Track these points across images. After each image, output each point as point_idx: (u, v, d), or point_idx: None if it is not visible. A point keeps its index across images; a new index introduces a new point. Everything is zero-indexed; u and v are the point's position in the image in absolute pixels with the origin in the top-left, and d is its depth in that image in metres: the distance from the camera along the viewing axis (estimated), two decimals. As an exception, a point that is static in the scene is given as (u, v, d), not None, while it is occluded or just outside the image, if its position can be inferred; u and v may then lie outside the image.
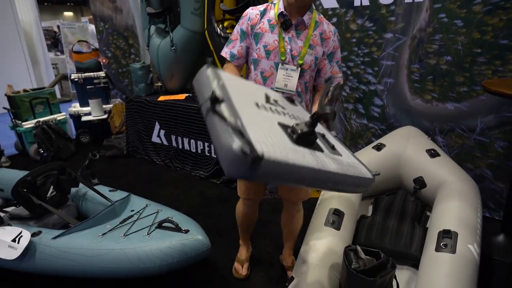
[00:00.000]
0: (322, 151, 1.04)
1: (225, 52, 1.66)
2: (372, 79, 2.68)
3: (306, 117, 1.23)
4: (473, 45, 2.19)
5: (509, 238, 2.10)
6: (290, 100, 1.39)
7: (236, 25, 1.64)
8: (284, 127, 1.00)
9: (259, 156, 0.73)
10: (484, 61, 2.18)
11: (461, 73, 2.28)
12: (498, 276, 1.92)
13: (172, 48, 3.39)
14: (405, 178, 2.21)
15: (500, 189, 2.32)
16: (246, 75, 1.73)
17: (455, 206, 1.85)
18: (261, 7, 1.61)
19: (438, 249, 1.65)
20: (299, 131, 0.98)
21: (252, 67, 1.64)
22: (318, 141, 1.08)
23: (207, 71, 1.04)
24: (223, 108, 0.85)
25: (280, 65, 1.57)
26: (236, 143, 0.74)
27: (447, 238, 1.68)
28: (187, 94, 3.55)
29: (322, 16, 1.64)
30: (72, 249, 1.85)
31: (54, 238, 1.91)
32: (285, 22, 1.54)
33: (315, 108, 1.60)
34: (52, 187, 2.27)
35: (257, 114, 0.98)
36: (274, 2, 1.61)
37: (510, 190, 2.06)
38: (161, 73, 3.62)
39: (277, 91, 1.58)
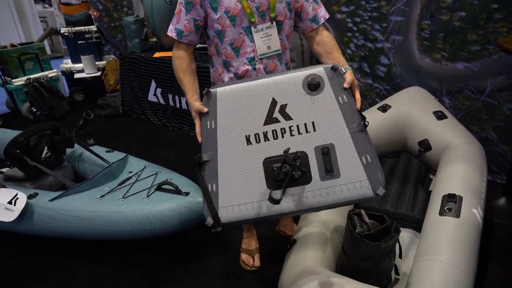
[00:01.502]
0: (307, 182, 1.17)
1: (170, 30, 1.41)
2: (380, 36, 2.54)
3: (328, 109, 1.21)
4: (490, -1, 2.05)
5: (510, 202, 2.10)
6: (314, 86, 1.22)
7: None
8: (268, 164, 1.19)
9: (218, 227, 1.18)
10: (500, 17, 2.05)
11: (475, 31, 2.15)
12: (498, 239, 1.93)
13: (167, 0, 3.18)
14: (409, 140, 2.15)
15: (505, 152, 2.28)
16: (210, 60, 1.53)
17: (460, 170, 1.81)
18: None
19: (442, 213, 1.63)
20: (276, 176, 1.16)
21: (217, 40, 1.40)
22: (314, 163, 1.18)
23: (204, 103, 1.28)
24: (207, 170, 1.22)
25: (253, 28, 1.37)
26: (206, 215, 1.22)
27: (451, 202, 1.66)
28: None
29: None
30: (70, 211, 1.82)
31: (52, 200, 1.88)
32: None
33: (330, 61, 1.42)
34: (46, 147, 2.21)
35: (243, 155, 1.20)
36: None
37: (516, 153, 2.03)
38: (156, 27, 3.43)
39: (262, 58, 1.42)
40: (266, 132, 1.21)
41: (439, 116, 2.07)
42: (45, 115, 3.70)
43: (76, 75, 4.16)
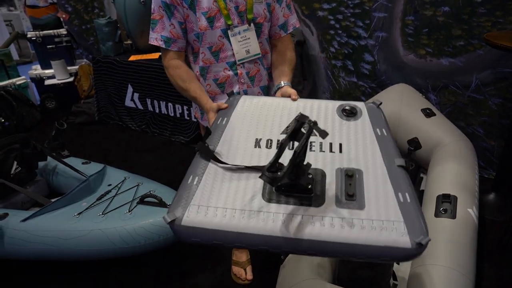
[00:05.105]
0: (317, 204, 0.82)
1: (155, 39, 1.28)
2: (363, 33, 2.49)
3: (362, 135, 1.00)
4: (473, -6, 2.03)
5: (500, 197, 2.09)
6: (350, 112, 1.07)
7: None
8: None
9: (170, 219, 0.80)
10: (484, 11, 2.03)
11: (459, 26, 2.13)
12: (490, 236, 1.92)
13: (141, 1, 3.03)
14: (399, 139, 2.11)
15: (492, 147, 2.28)
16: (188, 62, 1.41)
17: (453, 169, 1.78)
18: None
19: (437, 214, 1.59)
20: (274, 186, 0.81)
21: (197, 44, 1.29)
22: (332, 186, 0.86)
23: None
24: (195, 162, 0.94)
25: (229, 31, 1.26)
26: (170, 209, 0.83)
27: (446, 203, 1.62)
28: (160, 53, 3.25)
29: None
30: (45, 231, 1.69)
31: (24, 220, 1.73)
32: None
33: (279, 77, 1.33)
34: (15, 162, 2.04)
35: (245, 156, 0.95)
36: None
37: (505, 148, 2.02)
38: (130, 29, 3.27)
39: (242, 63, 1.32)
40: (280, 140, 1.00)
41: (428, 113, 2.04)
42: (15, 125, 3.48)
43: (47, 82, 3.95)
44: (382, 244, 0.75)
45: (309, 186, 0.83)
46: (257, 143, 0.99)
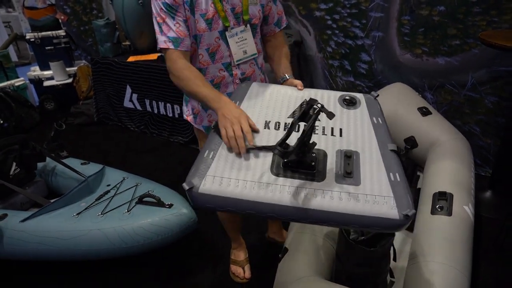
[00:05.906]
0: (319, 179, 0.94)
1: (163, 42, 1.22)
2: (360, 32, 2.51)
3: (360, 122, 1.11)
4: (468, -7, 2.05)
5: (496, 195, 2.11)
6: (350, 102, 1.18)
7: (152, 1, 1.22)
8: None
9: (189, 187, 0.92)
10: (479, 11, 2.05)
11: (454, 25, 2.14)
12: (486, 234, 1.93)
13: (139, 2, 3.04)
14: (395, 138, 2.13)
15: (488, 145, 2.29)
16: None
17: (449, 166, 1.80)
18: None
19: (433, 211, 1.61)
20: (281, 162, 0.97)
21: (195, 46, 1.29)
22: (332, 165, 0.98)
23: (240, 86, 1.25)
24: (211, 137, 1.06)
25: (227, 33, 1.27)
26: (188, 178, 0.94)
27: (442, 200, 1.63)
28: (159, 54, 3.26)
29: None
30: (44, 232, 1.70)
31: (23, 221, 1.74)
32: None
33: (282, 71, 1.36)
34: (15, 163, 2.05)
35: (256, 136, 1.05)
36: None
37: (501, 146, 2.03)
38: (128, 30, 3.28)
39: (239, 64, 1.34)
40: (289, 123, 1.09)
41: (424, 112, 2.06)
42: (14, 127, 3.49)
43: (46, 83, 3.95)
44: (374, 215, 0.87)
45: (313, 163, 0.95)
46: (267, 125, 1.10)
